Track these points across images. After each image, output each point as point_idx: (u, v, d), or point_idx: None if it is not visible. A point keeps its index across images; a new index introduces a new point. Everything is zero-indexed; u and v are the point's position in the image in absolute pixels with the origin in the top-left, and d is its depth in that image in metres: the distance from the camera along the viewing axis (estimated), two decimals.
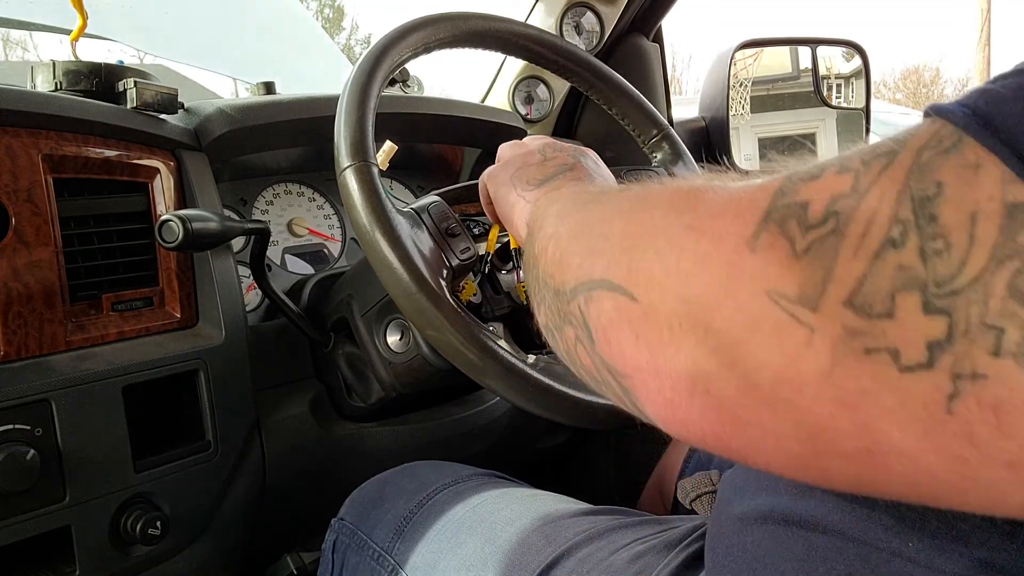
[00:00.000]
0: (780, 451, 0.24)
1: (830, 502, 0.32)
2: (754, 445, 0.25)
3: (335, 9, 11.62)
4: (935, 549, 0.27)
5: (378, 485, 0.68)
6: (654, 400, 0.28)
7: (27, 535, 0.59)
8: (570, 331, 0.34)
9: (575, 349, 0.34)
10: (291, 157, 0.92)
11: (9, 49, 3.57)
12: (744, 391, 0.24)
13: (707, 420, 0.26)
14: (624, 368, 0.29)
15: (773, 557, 0.34)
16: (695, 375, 0.25)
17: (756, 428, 0.24)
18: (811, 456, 0.24)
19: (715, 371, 0.24)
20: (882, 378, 0.21)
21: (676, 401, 0.26)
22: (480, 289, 0.71)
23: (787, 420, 0.23)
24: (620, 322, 0.29)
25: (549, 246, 0.38)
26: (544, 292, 0.38)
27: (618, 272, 0.29)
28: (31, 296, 0.61)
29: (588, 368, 0.34)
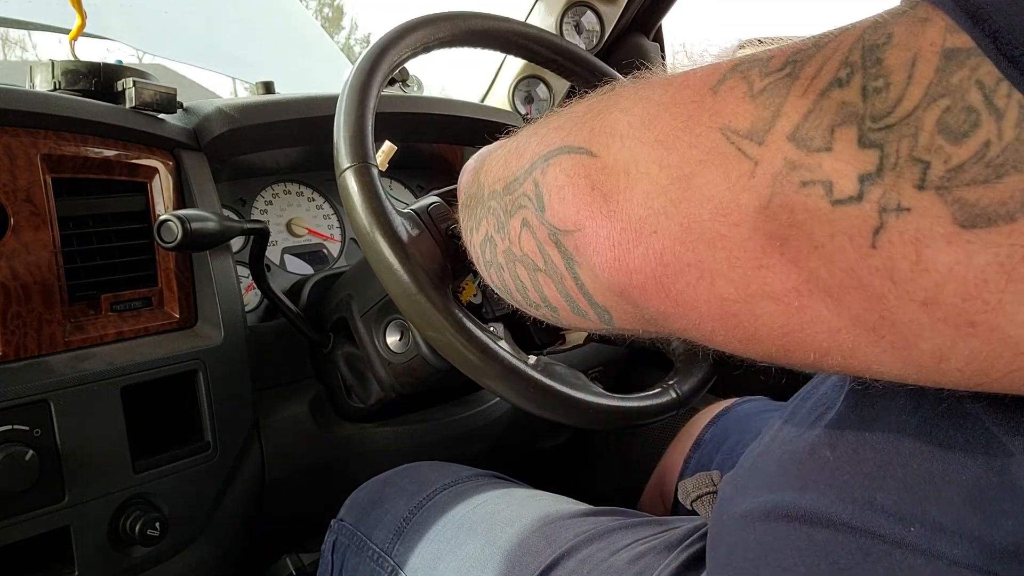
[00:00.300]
0: (713, 297, 0.25)
1: (831, 494, 0.32)
2: (691, 289, 0.26)
3: (335, 8, 11.62)
4: (936, 532, 0.28)
5: (378, 485, 0.68)
6: (601, 248, 0.28)
7: (26, 536, 0.59)
8: (516, 221, 0.34)
9: (519, 241, 0.35)
10: (290, 157, 0.92)
11: (8, 49, 3.57)
12: (687, 228, 0.25)
13: (650, 264, 0.27)
14: (576, 222, 0.29)
15: (775, 554, 0.34)
16: (645, 216, 0.26)
17: (694, 270, 0.25)
18: (742, 301, 0.25)
19: (663, 208, 0.26)
20: (814, 211, 0.22)
21: (624, 246, 0.27)
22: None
23: (723, 259, 0.24)
24: (577, 177, 0.29)
25: (497, 155, 0.39)
26: (484, 210, 0.38)
27: (579, 136, 0.30)
28: (30, 296, 0.60)
29: (531, 252, 0.34)
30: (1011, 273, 0.19)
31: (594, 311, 0.33)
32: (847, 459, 0.31)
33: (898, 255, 0.20)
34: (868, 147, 0.21)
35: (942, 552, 0.27)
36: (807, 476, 0.33)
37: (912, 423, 0.29)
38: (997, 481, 0.26)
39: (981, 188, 0.19)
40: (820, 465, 0.33)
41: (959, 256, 0.19)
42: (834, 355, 0.24)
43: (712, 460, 0.75)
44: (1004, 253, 0.19)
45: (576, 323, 0.37)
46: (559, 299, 0.34)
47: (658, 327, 0.31)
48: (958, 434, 0.27)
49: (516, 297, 0.39)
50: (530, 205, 0.33)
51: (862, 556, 0.30)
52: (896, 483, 0.29)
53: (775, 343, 0.25)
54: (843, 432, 0.32)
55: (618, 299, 0.30)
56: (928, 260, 0.20)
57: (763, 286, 0.24)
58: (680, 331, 0.29)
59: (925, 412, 0.29)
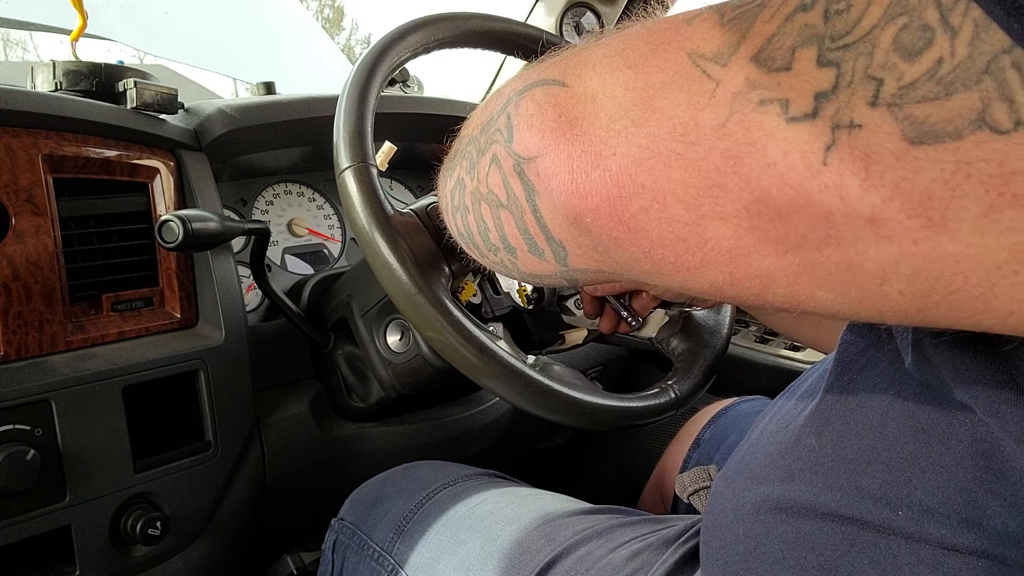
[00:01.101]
0: (665, 219, 0.26)
1: (818, 482, 0.32)
2: (643, 213, 0.26)
3: (335, 9, 11.62)
4: (924, 515, 0.28)
5: (378, 485, 0.69)
6: (560, 172, 0.29)
7: (27, 535, 0.59)
8: (486, 159, 0.35)
9: (486, 179, 0.35)
10: (291, 157, 0.92)
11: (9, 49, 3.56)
12: (645, 148, 0.25)
13: (606, 187, 0.27)
14: (540, 147, 0.30)
15: (764, 547, 0.34)
16: (605, 138, 0.27)
17: (648, 192, 0.26)
18: (692, 223, 0.25)
19: (624, 130, 0.26)
20: (770, 128, 0.22)
21: (583, 169, 0.28)
22: (480, 289, 0.71)
23: (677, 179, 0.25)
24: (547, 106, 0.30)
25: (481, 105, 0.39)
26: (460, 157, 0.39)
27: (555, 70, 0.31)
28: (31, 296, 0.61)
29: (496, 187, 0.34)
30: (955, 190, 0.19)
31: (550, 248, 0.33)
32: (832, 446, 0.32)
33: (847, 171, 0.21)
34: (826, 66, 0.21)
35: (930, 535, 0.28)
36: (793, 466, 0.34)
37: (895, 408, 0.29)
38: (982, 463, 0.26)
39: (931, 105, 0.19)
40: (806, 454, 0.33)
41: (906, 172, 0.20)
42: (779, 281, 0.24)
43: (711, 459, 0.76)
44: (949, 170, 0.19)
45: (533, 268, 0.37)
46: (518, 237, 0.35)
47: (612, 261, 0.31)
48: (940, 417, 0.28)
49: (478, 241, 0.40)
50: (500, 139, 0.33)
51: (847, 547, 0.30)
52: (881, 467, 0.29)
53: (722, 270, 0.26)
54: (828, 420, 0.33)
55: (573, 229, 0.31)
56: (876, 176, 0.20)
57: (714, 206, 0.24)
58: (632, 262, 0.29)
59: (908, 397, 0.29)
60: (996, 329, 0.22)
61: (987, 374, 0.25)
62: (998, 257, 0.19)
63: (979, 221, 0.19)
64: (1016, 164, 0.18)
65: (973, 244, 0.19)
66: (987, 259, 0.19)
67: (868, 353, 0.32)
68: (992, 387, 0.25)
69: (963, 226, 0.19)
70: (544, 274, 0.37)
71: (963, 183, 0.19)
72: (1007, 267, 0.19)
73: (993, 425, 0.26)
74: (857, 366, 0.32)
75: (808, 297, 0.24)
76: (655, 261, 0.28)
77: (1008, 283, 0.20)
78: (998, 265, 0.19)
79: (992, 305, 0.20)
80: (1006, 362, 0.25)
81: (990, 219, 0.19)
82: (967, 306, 0.21)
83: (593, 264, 0.33)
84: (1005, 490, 0.26)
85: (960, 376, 0.26)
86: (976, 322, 0.21)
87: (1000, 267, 0.19)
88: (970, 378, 0.26)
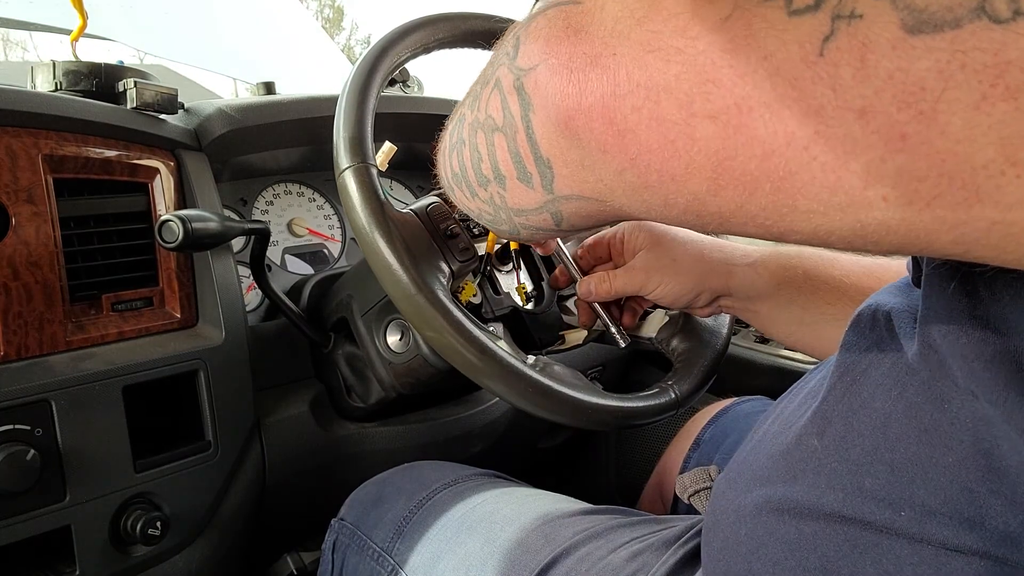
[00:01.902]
0: (656, 119, 0.26)
1: (821, 483, 0.32)
2: (635, 113, 0.26)
3: (335, 9, 11.62)
4: (926, 515, 0.28)
5: (378, 485, 0.69)
6: (560, 74, 0.29)
7: (27, 535, 0.59)
8: (489, 86, 0.35)
9: (486, 105, 0.36)
10: (291, 157, 0.92)
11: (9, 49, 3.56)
12: (646, 44, 0.26)
13: (603, 86, 0.27)
14: (542, 54, 0.30)
15: (766, 548, 0.34)
16: (607, 39, 0.27)
17: (642, 90, 0.26)
18: (683, 122, 0.25)
19: (627, 30, 0.26)
20: (771, 21, 0.22)
21: (582, 70, 0.28)
22: (480, 289, 0.71)
23: (674, 74, 0.25)
24: (556, 19, 0.30)
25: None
26: (466, 98, 0.39)
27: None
28: (31, 296, 0.61)
29: (494, 110, 0.35)
30: (948, 80, 0.19)
31: (538, 170, 0.34)
32: (835, 447, 0.32)
33: (843, 62, 0.21)
34: None
35: (932, 536, 0.28)
36: (796, 467, 0.34)
37: (898, 409, 0.29)
38: (984, 463, 0.26)
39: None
40: (808, 455, 0.33)
41: (901, 63, 0.20)
42: (763, 187, 0.24)
43: (711, 459, 0.76)
44: (944, 59, 0.19)
45: (520, 201, 0.37)
46: (508, 162, 0.35)
47: (597, 180, 0.31)
48: (943, 417, 0.28)
49: (470, 176, 0.40)
50: (506, 60, 0.33)
51: (849, 548, 0.30)
52: (884, 468, 0.29)
53: (707, 176, 0.26)
54: (830, 421, 0.33)
55: (562, 140, 0.31)
56: (871, 66, 0.20)
57: (706, 103, 0.24)
58: (617, 175, 0.29)
59: (910, 397, 0.29)
60: (976, 252, 0.21)
61: (994, 362, 0.25)
62: (985, 154, 0.19)
63: (970, 114, 0.19)
64: (1012, 54, 0.18)
65: (962, 139, 0.19)
66: (975, 156, 0.19)
67: (871, 355, 0.32)
68: (998, 376, 0.25)
69: (953, 119, 0.19)
70: (531, 208, 0.38)
71: (957, 73, 0.19)
72: (993, 167, 0.19)
73: (996, 416, 0.26)
74: (860, 368, 0.32)
75: (789, 209, 0.24)
76: (641, 170, 0.28)
77: (993, 185, 0.19)
78: (985, 164, 0.19)
79: (975, 214, 0.20)
80: (1014, 351, 0.25)
81: (981, 112, 0.19)
82: (949, 216, 0.21)
83: (578, 189, 0.33)
84: (1006, 489, 0.26)
85: (967, 364, 0.26)
86: (958, 236, 0.21)
87: (987, 166, 0.19)
88: (977, 366, 0.26)
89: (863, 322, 0.33)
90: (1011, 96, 0.18)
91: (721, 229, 0.28)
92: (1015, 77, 0.18)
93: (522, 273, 0.74)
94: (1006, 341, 0.25)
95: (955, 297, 0.27)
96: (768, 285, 0.62)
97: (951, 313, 0.27)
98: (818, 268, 0.61)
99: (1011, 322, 0.25)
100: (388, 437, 0.83)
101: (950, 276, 0.27)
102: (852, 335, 0.34)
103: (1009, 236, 0.20)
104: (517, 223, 0.41)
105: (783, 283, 0.62)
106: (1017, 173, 0.19)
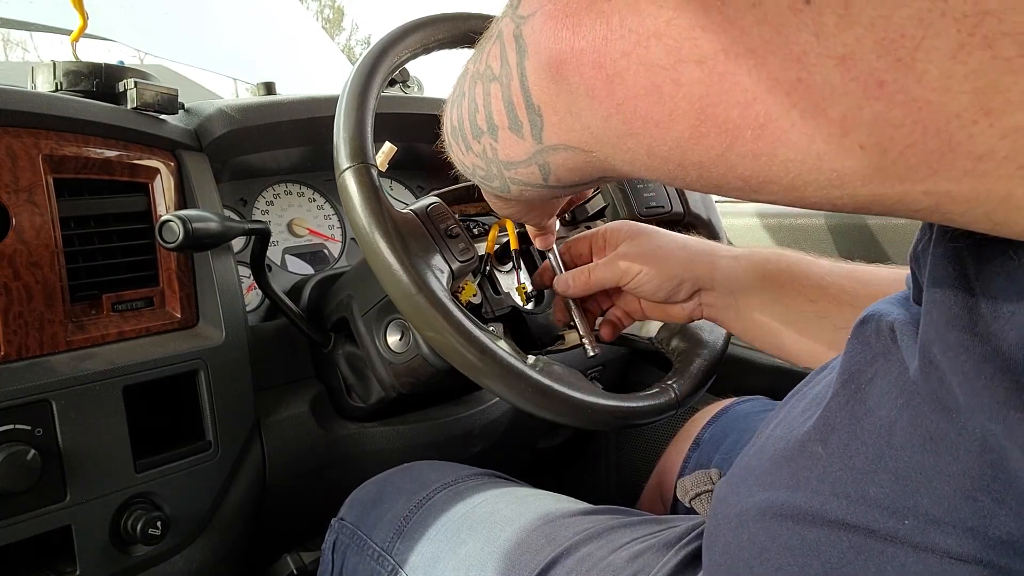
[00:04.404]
0: (644, 63, 0.26)
1: (824, 490, 0.32)
2: (624, 58, 0.27)
3: (335, 9, 11.62)
4: (930, 524, 0.28)
5: (378, 485, 0.69)
6: (554, 18, 0.30)
7: (28, 535, 0.59)
8: (492, 38, 0.36)
9: (487, 56, 0.37)
10: (291, 157, 0.92)
11: (9, 49, 3.56)
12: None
13: (596, 30, 0.28)
14: (540, 1, 0.31)
15: (768, 554, 0.34)
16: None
17: (634, 34, 0.27)
18: (670, 67, 0.26)
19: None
20: None
21: (577, 14, 0.29)
22: (480, 289, 0.71)
23: (664, 19, 0.25)
24: None
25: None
26: (476, 53, 0.40)
27: None
28: (32, 296, 0.61)
29: (493, 59, 0.36)
30: (928, 28, 0.19)
31: (529, 118, 0.35)
32: (839, 454, 0.32)
33: (828, 9, 0.21)
34: None
35: (936, 545, 0.28)
36: (799, 473, 0.34)
37: (903, 417, 0.29)
38: (990, 472, 0.26)
39: None
40: (812, 462, 0.33)
41: (884, 10, 0.20)
42: (744, 134, 0.25)
43: (711, 459, 0.76)
44: (925, 7, 0.19)
45: (510, 152, 0.38)
46: (502, 112, 0.36)
47: (584, 128, 0.32)
48: (950, 427, 0.27)
49: (466, 127, 0.41)
50: (509, 11, 0.34)
51: (853, 555, 0.30)
52: (888, 476, 0.29)
53: (689, 122, 0.26)
54: (834, 428, 0.32)
55: (552, 85, 0.32)
56: (854, 14, 0.20)
57: (694, 48, 0.25)
58: (604, 121, 0.30)
59: (916, 406, 0.29)
60: (946, 206, 0.22)
61: (994, 380, 0.25)
62: (959, 103, 0.19)
63: (947, 62, 0.19)
64: (991, 4, 0.18)
65: (937, 88, 0.19)
66: (949, 105, 0.20)
67: (876, 364, 0.32)
68: (998, 393, 0.25)
69: (930, 67, 0.19)
70: (520, 159, 0.38)
71: (937, 20, 0.19)
72: (967, 115, 0.19)
73: (999, 432, 0.26)
74: (865, 376, 0.32)
75: (769, 157, 0.25)
76: (627, 115, 0.28)
77: (965, 134, 0.20)
78: (958, 112, 0.19)
79: (947, 163, 0.20)
80: (1014, 369, 0.25)
81: (958, 60, 0.19)
82: (923, 164, 0.21)
83: (565, 137, 0.34)
84: (1012, 499, 0.26)
85: (968, 382, 0.26)
86: (930, 186, 0.21)
87: (960, 115, 0.19)
88: (978, 384, 0.26)
89: (868, 331, 0.33)
90: (987, 45, 0.18)
91: (701, 181, 0.29)
92: (992, 27, 0.18)
93: (522, 273, 0.74)
94: (1006, 359, 0.25)
95: (955, 314, 0.27)
96: (751, 278, 0.62)
97: (951, 330, 0.27)
98: (799, 265, 0.61)
99: (1011, 339, 0.25)
100: (388, 437, 0.83)
101: (951, 292, 0.27)
102: (856, 343, 0.34)
103: (979, 188, 0.20)
104: (507, 177, 0.42)
105: (766, 277, 0.61)
106: (990, 122, 0.19)
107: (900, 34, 0.20)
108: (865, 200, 0.24)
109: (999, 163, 0.20)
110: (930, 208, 0.22)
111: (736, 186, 0.27)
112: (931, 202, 0.22)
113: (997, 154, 0.20)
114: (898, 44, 0.20)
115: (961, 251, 0.27)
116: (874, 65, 0.20)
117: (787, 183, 0.25)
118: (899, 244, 1.07)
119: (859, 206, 0.24)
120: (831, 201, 0.25)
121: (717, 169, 0.27)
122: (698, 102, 0.25)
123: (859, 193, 0.23)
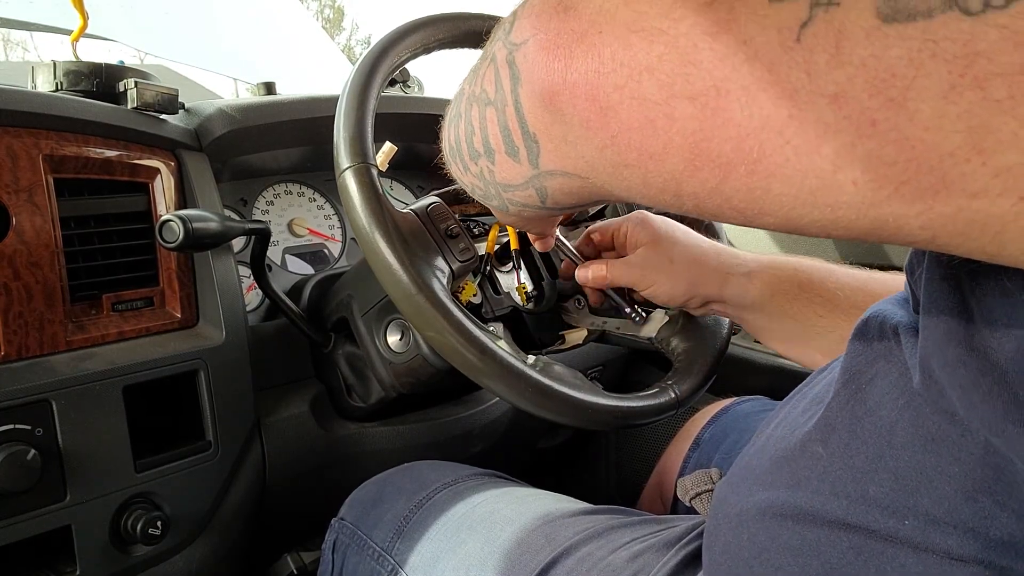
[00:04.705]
0: (637, 97, 0.26)
1: (824, 490, 0.32)
2: (617, 92, 0.27)
3: (335, 9, 11.62)
4: (930, 524, 0.28)
5: (378, 485, 0.69)
6: (548, 48, 0.30)
7: (28, 535, 0.59)
8: (486, 62, 0.36)
9: (482, 79, 0.37)
10: (291, 157, 0.92)
11: (10, 49, 3.56)
12: (631, 24, 0.26)
13: (588, 63, 0.28)
14: (533, 29, 0.31)
15: (768, 554, 0.34)
16: (595, 18, 0.28)
17: (626, 69, 0.27)
18: (663, 102, 0.26)
19: (615, 9, 0.27)
20: (752, 6, 0.23)
21: (568, 47, 0.29)
22: (480, 289, 0.71)
23: (656, 55, 0.25)
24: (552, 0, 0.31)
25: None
26: (467, 74, 0.40)
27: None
28: (32, 296, 0.61)
29: (488, 83, 0.36)
30: (919, 68, 0.19)
31: (525, 144, 0.35)
32: (839, 454, 0.32)
33: (819, 48, 0.21)
34: None
35: (936, 545, 0.28)
36: (800, 473, 0.34)
37: (905, 418, 0.29)
38: (992, 474, 0.26)
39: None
40: (813, 461, 0.33)
41: (874, 50, 0.20)
42: (738, 169, 0.25)
43: (711, 459, 0.76)
44: (916, 48, 0.19)
45: (507, 175, 0.38)
46: (498, 136, 0.36)
47: (579, 156, 0.32)
48: (952, 428, 0.27)
49: (463, 148, 0.41)
50: (502, 35, 0.34)
51: (853, 555, 0.30)
52: (888, 476, 0.29)
53: (684, 156, 0.26)
54: (834, 428, 0.32)
55: (547, 115, 0.32)
56: (845, 53, 0.20)
57: (686, 84, 0.25)
58: (599, 151, 0.30)
59: (918, 407, 0.29)
60: (942, 239, 0.22)
61: (992, 394, 0.25)
62: (952, 142, 0.19)
63: (938, 102, 0.19)
64: (980, 45, 0.18)
65: (930, 127, 0.20)
66: (942, 143, 0.20)
67: (878, 364, 0.32)
68: (996, 407, 0.25)
69: (923, 107, 0.19)
70: (517, 183, 0.38)
71: (928, 62, 0.19)
72: (960, 154, 0.19)
73: (1000, 444, 0.26)
74: (866, 376, 0.32)
75: (763, 191, 0.25)
76: (621, 147, 0.28)
77: (959, 172, 0.20)
78: (952, 151, 0.20)
79: (941, 200, 0.20)
80: (1011, 382, 0.25)
81: (949, 100, 0.19)
82: (917, 200, 0.21)
83: (561, 164, 0.34)
84: (1014, 502, 0.26)
85: (965, 395, 0.26)
86: (925, 221, 0.21)
87: (953, 153, 0.20)
88: (976, 397, 0.26)
89: (870, 331, 0.33)
90: (979, 86, 0.19)
91: (698, 211, 0.29)
92: (983, 67, 0.18)
93: (522, 273, 0.74)
94: (1003, 372, 0.25)
95: (952, 329, 0.27)
96: (761, 296, 0.62)
97: (949, 345, 0.27)
98: (812, 281, 0.61)
99: (1008, 352, 0.25)
100: (388, 437, 0.83)
101: (947, 309, 0.27)
102: (858, 343, 0.34)
103: (973, 223, 0.20)
104: (505, 198, 0.42)
105: (776, 294, 0.62)
106: (983, 161, 0.19)
107: (891, 74, 0.20)
108: (862, 231, 0.24)
109: (993, 200, 0.20)
110: (927, 240, 0.22)
111: (732, 216, 0.27)
112: (927, 235, 0.22)
113: (991, 191, 0.20)
114: (889, 84, 0.20)
115: (957, 271, 0.27)
116: (866, 104, 0.20)
117: (782, 216, 0.25)
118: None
119: (856, 236, 0.24)
120: (827, 231, 0.25)
121: (713, 200, 0.27)
122: (691, 137, 0.25)
123: (854, 226, 0.23)
